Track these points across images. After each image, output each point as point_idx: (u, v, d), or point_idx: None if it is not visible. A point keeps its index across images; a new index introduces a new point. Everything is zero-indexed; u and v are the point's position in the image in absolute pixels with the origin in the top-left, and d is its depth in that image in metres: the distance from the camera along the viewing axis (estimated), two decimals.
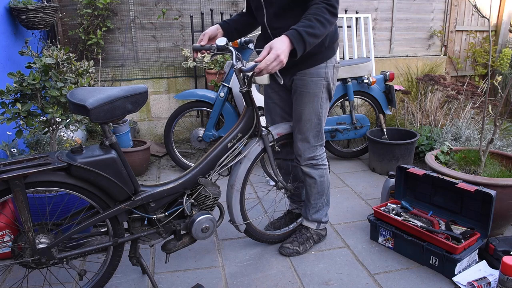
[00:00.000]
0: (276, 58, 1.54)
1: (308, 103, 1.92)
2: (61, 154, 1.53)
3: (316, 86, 1.91)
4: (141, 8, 3.84)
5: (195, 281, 1.91)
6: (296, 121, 1.99)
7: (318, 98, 1.93)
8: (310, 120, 1.95)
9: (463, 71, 5.08)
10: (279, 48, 1.54)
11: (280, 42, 1.56)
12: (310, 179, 2.08)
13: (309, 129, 1.97)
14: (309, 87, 1.91)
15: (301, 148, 2.01)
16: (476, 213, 2.09)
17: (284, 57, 1.55)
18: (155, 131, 4.10)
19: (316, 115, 1.95)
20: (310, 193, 2.12)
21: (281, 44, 1.55)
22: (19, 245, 1.52)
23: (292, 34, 1.58)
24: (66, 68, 2.12)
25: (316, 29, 1.61)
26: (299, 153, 2.03)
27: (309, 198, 2.14)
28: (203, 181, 1.82)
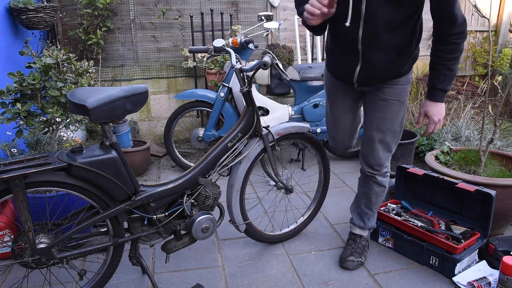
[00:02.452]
0: (440, 122, 1.78)
1: (397, 112, 1.82)
2: (61, 154, 1.53)
3: (406, 93, 1.83)
4: (141, 8, 3.84)
5: (195, 281, 1.91)
6: (379, 130, 1.85)
7: (405, 105, 1.85)
8: (396, 130, 1.87)
9: (463, 71, 5.07)
10: (441, 113, 1.76)
11: (439, 109, 1.75)
12: (379, 188, 1.99)
13: (393, 138, 1.88)
14: (399, 95, 1.80)
15: (383, 158, 1.90)
16: (476, 213, 2.09)
17: (444, 114, 1.78)
18: (155, 131, 4.10)
19: (400, 123, 1.87)
20: (374, 201, 2.04)
21: (441, 110, 1.76)
22: (19, 245, 1.52)
23: (443, 96, 1.73)
24: (66, 68, 2.12)
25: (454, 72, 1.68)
26: (380, 162, 1.92)
27: (371, 207, 2.06)
28: (203, 181, 1.82)
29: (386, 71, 1.72)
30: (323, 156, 2.27)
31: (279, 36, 4.23)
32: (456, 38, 1.59)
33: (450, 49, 1.62)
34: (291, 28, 4.17)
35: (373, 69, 1.70)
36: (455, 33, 1.58)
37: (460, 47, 1.60)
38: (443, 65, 1.65)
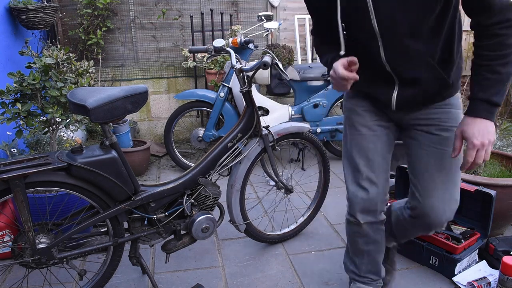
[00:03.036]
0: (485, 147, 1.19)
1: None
2: (61, 154, 1.53)
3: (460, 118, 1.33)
4: (141, 8, 3.84)
5: (195, 281, 1.91)
6: (437, 172, 1.37)
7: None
8: (458, 169, 1.37)
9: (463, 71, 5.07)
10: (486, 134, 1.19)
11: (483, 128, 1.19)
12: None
13: (457, 182, 1.39)
14: (456, 121, 1.35)
15: (448, 211, 1.37)
16: (476, 213, 2.09)
17: (492, 136, 1.19)
18: (155, 131, 4.10)
19: (460, 158, 1.33)
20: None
21: (485, 130, 1.18)
22: (19, 245, 1.52)
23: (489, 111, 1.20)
24: (66, 68, 2.12)
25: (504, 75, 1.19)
26: (442, 219, 1.38)
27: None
28: (203, 181, 1.82)
29: (433, 88, 1.30)
30: (323, 156, 2.27)
31: (279, 36, 4.23)
32: (498, 28, 1.16)
33: (492, 43, 1.18)
34: (291, 28, 4.17)
35: (416, 91, 1.31)
36: (496, 22, 1.16)
37: (509, 40, 1.16)
38: (484, 67, 1.20)
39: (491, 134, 1.19)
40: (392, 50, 1.25)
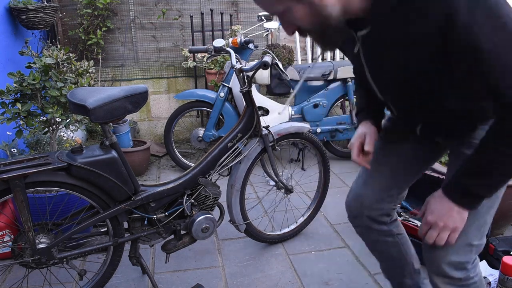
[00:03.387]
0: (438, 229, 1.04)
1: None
2: (61, 154, 1.53)
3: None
4: (141, 8, 3.84)
5: (195, 281, 1.91)
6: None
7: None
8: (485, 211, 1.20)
9: None
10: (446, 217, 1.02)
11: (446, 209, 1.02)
12: None
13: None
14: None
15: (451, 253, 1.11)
16: None
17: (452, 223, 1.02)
18: (155, 131, 4.10)
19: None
20: None
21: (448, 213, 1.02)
22: (19, 245, 1.52)
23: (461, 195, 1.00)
24: (66, 68, 2.12)
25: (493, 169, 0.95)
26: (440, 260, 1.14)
27: None
28: (203, 181, 1.82)
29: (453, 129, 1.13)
30: (323, 156, 2.27)
31: (279, 36, 4.22)
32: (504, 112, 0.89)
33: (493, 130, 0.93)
34: None
35: (437, 129, 1.16)
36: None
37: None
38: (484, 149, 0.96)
39: (452, 220, 1.01)
40: (396, 104, 1.17)
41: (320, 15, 0.90)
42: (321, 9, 0.89)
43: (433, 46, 0.89)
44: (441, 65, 0.92)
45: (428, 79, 0.98)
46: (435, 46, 0.88)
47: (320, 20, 0.90)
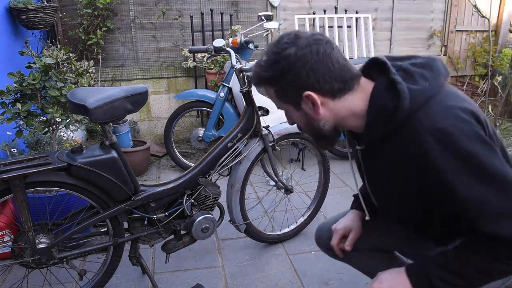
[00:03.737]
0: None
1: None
2: (61, 154, 1.53)
3: None
4: (141, 8, 3.84)
5: (195, 281, 1.91)
6: None
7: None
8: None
9: (463, 71, 5.07)
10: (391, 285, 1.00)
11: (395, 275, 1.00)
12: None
13: None
14: None
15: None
16: None
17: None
18: (155, 131, 4.10)
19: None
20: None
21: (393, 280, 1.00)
22: (19, 245, 1.52)
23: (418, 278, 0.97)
24: (66, 68, 2.12)
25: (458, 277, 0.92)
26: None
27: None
28: (203, 181, 1.82)
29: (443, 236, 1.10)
30: (323, 156, 2.27)
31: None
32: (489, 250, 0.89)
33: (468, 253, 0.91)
34: (291, 28, 4.17)
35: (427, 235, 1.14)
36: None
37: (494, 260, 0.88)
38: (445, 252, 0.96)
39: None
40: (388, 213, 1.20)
41: (314, 125, 0.99)
42: (315, 121, 0.98)
43: (416, 184, 0.92)
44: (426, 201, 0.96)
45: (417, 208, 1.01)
46: (418, 184, 0.92)
47: (314, 127, 1.00)
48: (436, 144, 0.82)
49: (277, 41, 0.94)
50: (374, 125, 0.94)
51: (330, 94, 0.93)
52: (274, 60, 0.93)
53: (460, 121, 0.82)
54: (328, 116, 0.97)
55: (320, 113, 0.95)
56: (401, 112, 0.87)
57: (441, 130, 0.82)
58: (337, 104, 0.95)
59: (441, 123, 0.82)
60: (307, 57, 0.90)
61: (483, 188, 0.83)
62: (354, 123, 0.98)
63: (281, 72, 0.92)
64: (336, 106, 0.95)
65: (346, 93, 0.94)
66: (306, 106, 0.96)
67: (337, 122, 0.98)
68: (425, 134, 0.83)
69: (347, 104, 0.95)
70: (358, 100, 0.95)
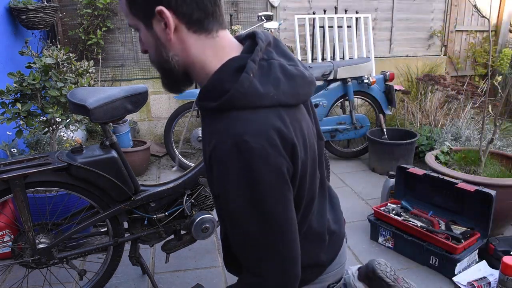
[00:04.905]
0: None
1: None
2: (61, 154, 1.52)
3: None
4: None
5: (195, 281, 1.91)
6: None
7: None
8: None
9: (463, 71, 5.07)
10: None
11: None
12: None
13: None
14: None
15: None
16: (476, 213, 2.09)
17: None
18: (155, 131, 4.10)
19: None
20: None
21: None
22: (19, 245, 1.52)
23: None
24: (66, 68, 2.12)
25: None
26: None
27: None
28: (203, 181, 1.81)
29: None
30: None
31: (279, 36, 4.22)
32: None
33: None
34: (291, 28, 4.17)
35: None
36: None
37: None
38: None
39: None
40: None
41: (163, 54, 0.83)
42: (164, 48, 0.82)
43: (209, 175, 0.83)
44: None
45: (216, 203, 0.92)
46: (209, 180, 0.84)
47: (162, 57, 0.84)
48: (233, 150, 0.73)
49: None
50: (204, 93, 0.82)
51: (187, 20, 0.79)
52: None
53: (270, 144, 0.74)
54: (178, 48, 0.81)
55: (171, 38, 0.80)
56: (227, 99, 0.76)
57: (246, 142, 0.72)
58: (190, 38, 0.80)
59: (251, 136, 0.72)
60: None
61: (248, 213, 0.76)
62: (201, 78, 0.85)
63: None
64: (189, 40, 0.80)
65: (203, 33, 0.81)
66: (158, 27, 0.80)
67: (186, 63, 0.83)
68: (231, 136, 0.74)
69: (201, 48, 0.81)
70: (212, 55, 0.82)
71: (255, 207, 0.75)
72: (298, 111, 0.84)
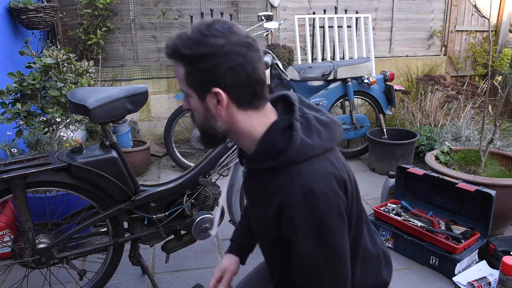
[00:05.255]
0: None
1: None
2: (61, 154, 1.52)
3: None
4: (141, 8, 3.84)
5: (195, 281, 1.91)
6: None
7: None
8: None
9: (463, 71, 5.07)
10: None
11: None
12: None
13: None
14: None
15: None
16: (476, 213, 2.09)
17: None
18: (155, 131, 4.10)
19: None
20: None
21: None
22: (19, 245, 1.52)
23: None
24: (66, 68, 2.12)
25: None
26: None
27: None
28: (203, 181, 1.81)
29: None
30: None
31: (279, 36, 4.22)
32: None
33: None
34: (291, 28, 4.17)
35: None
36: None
37: None
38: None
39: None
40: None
41: (210, 121, 0.93)
42: (212, 118, 0.92)
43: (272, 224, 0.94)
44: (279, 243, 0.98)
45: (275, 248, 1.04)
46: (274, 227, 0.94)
47: (208, 123, 0.94)
48: (302, 199, 0.85)
49: (209, 24, 0.87)
50: (257, 156, 0.94)
51: (237, 101, 0.90)
52: (199, 41, 0.86)
53: (330, 189, 0.87)
54: (226, 120, 0.92)
55: (222, 114, 0.91)
56: (285, 158, 0.88)
57: (312, 191, 0.85)
58: (239, 114, 0.92)
59: (314, 185, 0.85)
60: (233, 56, 0.85)
61: (316, 248, 0.89)
62: (246, 143, 0.96)
63: (201, 56, 0.86)
64: (238, 116, 0.92)
65: (251, 109, 0.92)
66: (211, 102, 0.90)
67: (231, 130, 0.95)
68: (298, 187, 0.86)
69: (248, 121, 0.93)
70: (258, 123, 0.93)
71: (322, 242, 0.88)
72: (336, 150, 0.97)
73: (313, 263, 0.91)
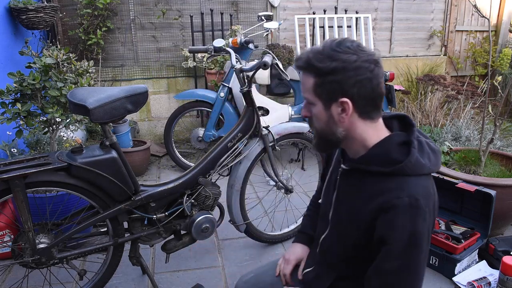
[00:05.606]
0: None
1: None
2: (61, 154, 1.52)
3: None
4: (141, 8, 3.84)
5: (195, 281, 1.91)
6: None
7: None
8: None
9: (463, 71, 5.07)
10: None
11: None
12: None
13: None
14: None
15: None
16: (476, 213, 2.09)
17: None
18: (155, 131, 4.10)
19: None
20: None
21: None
22: (19, 245, 1.52)
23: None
24: (66, 68, 2.12)
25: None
26: None
27: None
28: (203, 181, 1.81)
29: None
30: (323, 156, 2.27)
31: (279, 36, 4.23)
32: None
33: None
34: (291, 28, 4.17)
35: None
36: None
37: None
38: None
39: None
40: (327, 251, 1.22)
41: (332, 128, 1.03)
42: (335, 125, 1.02)
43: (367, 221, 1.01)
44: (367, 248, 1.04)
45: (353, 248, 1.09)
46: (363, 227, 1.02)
47: (330, 130, 1.03)
48: (407, 205, 0.94)
49: (339, 41, 0.97)
50: (367, 159, 1.02)
51: (360, 111, 1.00)
52: (331, 56, 0.96)
53: (429, 206, 0.97)
54: (346, 127, 1.02)
55: (345, 121, 1.00)
56: (399, 168, 0.97)
57: (417, 202, 0.95)
58: (359, 122, 1.01)
59: (420, 198, 0.95)
60: (362, 71, 0.95)
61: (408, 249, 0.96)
62: (357, 147, 1.05)
63: (333, 70, 0.96)
64: (357, 124, 1.01)
65: (369, 120, 1.02)
66: (335, 110, 1.00)
67: (348, 136, 1.04)
68: (406, 195, 0.95)
69: (365, 129, 1.02)
70: (373, 133, 1.03)
71: (414, 249, 0.96)
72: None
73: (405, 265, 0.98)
